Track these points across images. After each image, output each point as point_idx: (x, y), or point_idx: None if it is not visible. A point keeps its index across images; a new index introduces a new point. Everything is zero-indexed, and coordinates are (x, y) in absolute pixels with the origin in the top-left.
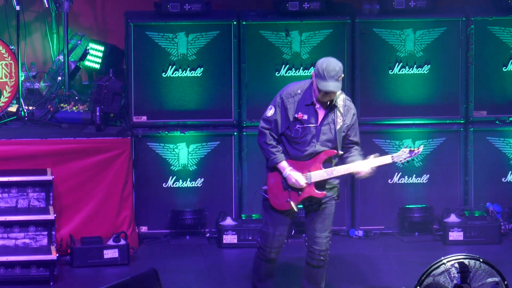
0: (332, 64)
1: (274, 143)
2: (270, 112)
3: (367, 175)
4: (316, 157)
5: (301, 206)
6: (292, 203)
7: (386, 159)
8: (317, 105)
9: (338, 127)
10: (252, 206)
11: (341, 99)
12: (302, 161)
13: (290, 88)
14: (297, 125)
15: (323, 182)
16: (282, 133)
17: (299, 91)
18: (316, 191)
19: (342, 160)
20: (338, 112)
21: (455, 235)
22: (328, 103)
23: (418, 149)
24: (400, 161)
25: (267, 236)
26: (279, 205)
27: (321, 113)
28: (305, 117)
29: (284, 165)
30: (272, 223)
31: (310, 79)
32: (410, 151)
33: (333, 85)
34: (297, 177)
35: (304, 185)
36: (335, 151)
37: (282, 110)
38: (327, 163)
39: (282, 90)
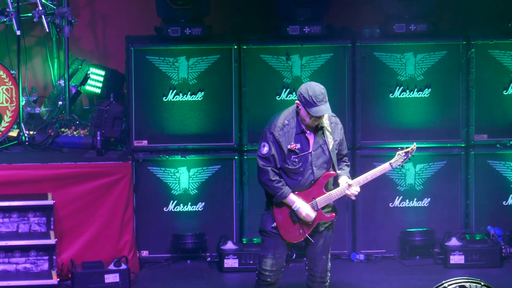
0: (317, 88)
1: (278, 178)
2: (265, 149)
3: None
4: (317, 183)
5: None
6: (306, 234)
7: (385, 167)
8: (307, 132)
9: (330, 147)
10: (253, 230)
11: (326, 117)
12: (304, 190)
13: (277, 121)
14: (293, 156)
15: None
16: (279, 167)
17: (286, 122)
18: (326, 215)
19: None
20: (326, 132)
21: (456, 258)
22: (316, 125)
23: (412, 147)
24: (399, 165)
25: (267, 259)
26: (293, 238)
27: (311, 138)
28: (298, 146)
29: (293, 198)
30: (271, 246)
31: (291, 107)
32: (406, 153)
33: (325, 108)
34: (307, 211)
35: (314, 216)
36: (334, 172)
37: (276, 145)
38: (328, 185)
39: (269, 125)
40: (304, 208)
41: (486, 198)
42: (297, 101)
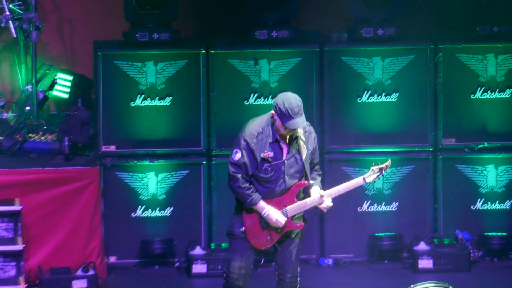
0: (293, 101)
1: (248, 185)
2: (237, 156)
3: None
4: (289, 191)
5: None
6: (274, 242)
7: (358, 181)
8: (281, 141)
9: (304, 156)
10: (222, 235)
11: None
12: (275, 197)
13: (251, 128)
14: (265, 165)
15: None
16: (251, 175)
17: (260, 129)
18: (295, 224)
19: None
20: (300, 141)
21: (425, 263)
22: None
23: (386, 164)
24: (372, 180)
25: (234, 262)
26: (260, 245)
27: (285, 147)
28: (271, 154)
29: (262, 205)
30: (239, 249)
31: (267, 115)
32: (380, 169)
33: (301, 121)
34: (277, 217)
35: (284, 223)
36: (307, 182)
37: (248, 152)
38: (299, 194)
39: (243, 132)
40: (273, 214)
41: (454, 202)
42: (273, 112)
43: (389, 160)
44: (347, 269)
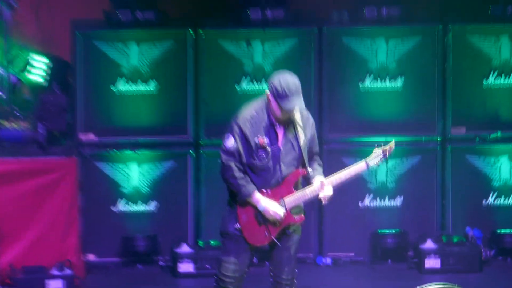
0: (290, 80)
1: (242, 175)
2: (229, 142)
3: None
4: (286, 181)
5: None
6: (273, 237)
7: (360, 166)
8: (277, 125)
9: (301, 143)
10: (210, 232)
11: (298, 111)
12: (271, 188)
13: (245, 112)
14: (260, 151)
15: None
16: (245, 163)
17: (254, 113)
18: (294, 217)
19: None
20: (297, 126)
21: (432, 262)
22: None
23: (390, 145)
24: (376, 164)
25: (228, 264)
26: (258, 241)
27: (280, 132)
28: (266, 140)
29: (258, 197)
30: (233, 250)
31: (261, 98)
32: (383, 151)
33: (298, 101)
34: (275, 209)
35: (283, 215)
36: (304, 170)
37: (242, 138)
38: (297, 184)
39: (236, 117)
40: (270, 206)
41: (464, 197)
42: (268, 92)
43: (393, 141)
44: (346, 269)
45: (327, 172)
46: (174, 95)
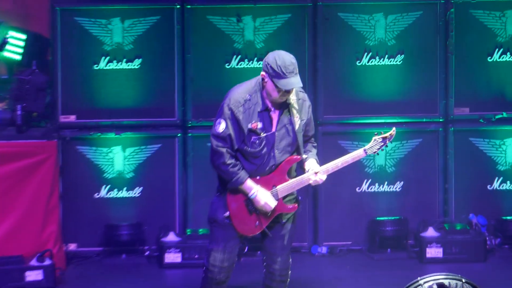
0: (286, 58)
1: (234, 161)
2: (220, 127)
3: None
4: (279, 168)
5: None
6: (264, 227)
7: (358, 153)
8: (272, 109)
9: (296, 127)
10: (199, 220)
11: (293, 93)
12: (264, 175)
13: (237, 94)
14: (253, 137)
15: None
16: (237, 149)
17: (247, 96)
18: (287, 206)
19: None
20: (293, 109)
21: (434, 251)
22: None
23: (391, 133)
24: (375, 152)
25: (216, 253)
26: (248, 231)
27: (275, 117)
28: (260, 125)
29: (250, 184)
30: (222, 238)
31: (254, 79)
32: (383, 139)
33: (296, 81)
34: (266, 199)
35: (274, 206)
36: (299, 156)
37: (234, 122)
38: (291, 171)
39: (227, 99)
40: (262, 195)
41: (467, 182)
42: (263, 73)
43: (394, 128)
44: (343, 258)
45: (322, 156)
46: (160, 74)
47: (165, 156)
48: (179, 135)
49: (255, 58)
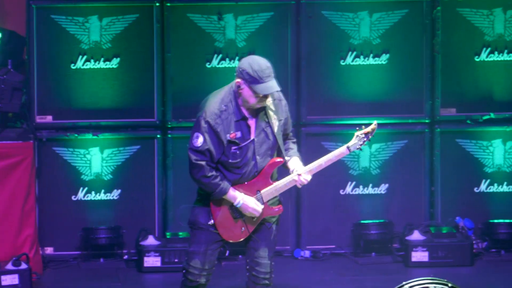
0: (262, 62)
1: (215, 173)
2: (199, 141)
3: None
4: (262, 172)
5: None
6: (250, 232)
7: (341, 151)
8: (248, 117)
9: (275, 129)
10: (179, 223)
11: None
12: (247, 181)
13: (212, 106)
14: (233, 148)
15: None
16: (218, 161)
17: (223, 106)
18: (273, 208)
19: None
20: (269, 111)
21: (419, 255)
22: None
23: (372, 127)
24: (358, 148)
25: (197, 256)
26: (234, 237)
27: (252, 123)
28: (239, 134)
29: (233, 193)
30: (204, 241)
31: (226, 88)
32: (365, 134)
33: (274, 85)
34: (253, 205)
35: (261, 210)
36: (281, 159)
37: (212, 136)
38: (273, 174)
39: (202, 112)
40: (249, 202)
41: (454, 184)
42: (238, 80)
43: (375, 122)
44: (327, 262)
45: (305, 158)
46: (139, 73)
47: (144, 158)
48: (158, 136)
49: (237, 57)
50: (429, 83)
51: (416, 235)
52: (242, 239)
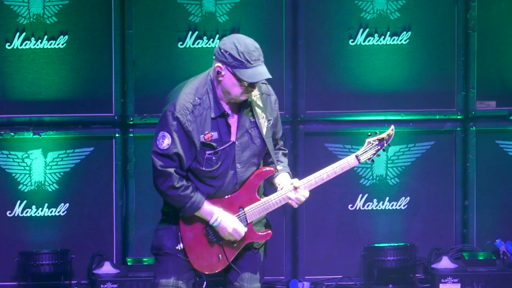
0: (248, 42)
1: (185, 183)
2: (165, 142)
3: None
4: (247, 184)
5: None
6: (229, 261)
7: (349, 161)
8: (230, 114)
9: (264, 131)
10: (142, 245)
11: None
12: (226, 195)
13: (183, 98)
14: (207, 152)
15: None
16: (188, 169)
17: (197, 100)
18: (259, 233)
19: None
20: (256, 108)
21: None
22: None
23: (388, 133)
24: (369, 159)
25: None
26: (208, 267)
27: (233, 122)
28: (215, 135)
29: (209, 209)
30: (172, 270)
31: (202, 76)
32: (379, 141)
33: (264, 70)
34: (233, 225)
35: (244, 232)
36: (272, 168)
37: (182, 136)
38: (260, 188)
39: (170, 105)
40: (228, 221)
41: (493, 198)
42: (218, 64)
43: (392, 127)
44: None
45: (304, 163)
46: (92, 55)
47: (99, 163)
48: (117, 135)
49: (217, 36)
50: (462, 69)
51: (445, 263)
52: (219, 270)
